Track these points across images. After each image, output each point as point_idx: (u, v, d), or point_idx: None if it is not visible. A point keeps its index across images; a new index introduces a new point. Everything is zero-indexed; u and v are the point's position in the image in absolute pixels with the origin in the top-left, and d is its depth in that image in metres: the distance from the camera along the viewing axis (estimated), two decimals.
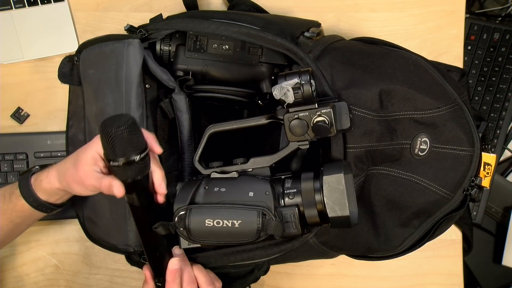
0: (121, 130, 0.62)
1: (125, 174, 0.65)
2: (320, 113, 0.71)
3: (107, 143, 0.63)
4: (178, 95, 0.85)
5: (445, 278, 1.00)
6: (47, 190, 0.76)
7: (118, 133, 0.62)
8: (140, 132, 0.65)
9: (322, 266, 1.00)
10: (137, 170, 0.66)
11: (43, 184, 0.75)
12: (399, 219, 0.81)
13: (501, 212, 1.19)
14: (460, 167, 0.79)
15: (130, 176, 0.66)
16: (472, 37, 1.19)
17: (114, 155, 0.64)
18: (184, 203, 0.71)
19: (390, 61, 0.82)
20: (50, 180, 0.75)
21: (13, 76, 0.99)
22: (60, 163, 0.76)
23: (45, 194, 0.76)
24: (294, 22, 0.88)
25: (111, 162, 0.64)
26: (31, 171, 0.78)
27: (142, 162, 0.65)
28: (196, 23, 0.82)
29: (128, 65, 0.80)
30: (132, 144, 0.64)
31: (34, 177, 0.77)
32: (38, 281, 0.97)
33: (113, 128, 0.62)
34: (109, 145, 0.63)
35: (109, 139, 0.63)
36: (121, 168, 0.64)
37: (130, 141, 0.63)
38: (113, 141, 0.63)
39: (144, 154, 0.65)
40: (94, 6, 1.00)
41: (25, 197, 0.76)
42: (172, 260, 0.73)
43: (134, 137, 0.64)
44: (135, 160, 0.64)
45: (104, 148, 0.64)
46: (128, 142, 0.63)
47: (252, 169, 0.76)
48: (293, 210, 0.69)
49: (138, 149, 0.64)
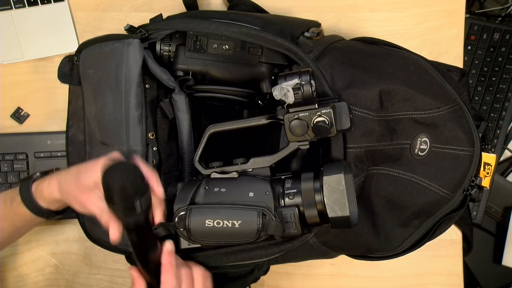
0: (123, 182, 0.64)
1: (125, 218, 0.67)
2: (320, 113, 0.71)
3: (107, 190, 0.65)
4: (178, 95, 0.85)
5: (445, 278, 1.00)
6: (48, 199, 0.76)
7: (120, 185, 0.64)
8: (142, 179, 0.66)
9: (322, 266, 1.00)
10: (137, 216, 0.67)
11: (44, 193, 0.76)
12: (399, 219, 0.81)
13: (501, 212, 1.19)
14: (460, 167, 0.79)
15: (129, 221, 0.67)
16: (472, 37, 1.19)
17: (113, 203, 0.65)
18: (184, 203, 0.71)
19: (390, 61, 0.82)
20: (51, 190, 0.75)
21: (13, 76, 0.99)
22: (61, 174, 0.76)
23: (46, 202, 0.77)
24: (294, 22, 0.88)
25: (111, 205, 0.66)
26: (32, 178, 0.78)
27: (141, 208, 0.67)
28: (196, 23, 0.82)
29: (128, 65, 0.80)
30: (132, 194, 0.65)
31: (35, 184, 0.77)
32: (38, 281, 0.97)
33: (115, 179, 0.64)
34: (109, 193, 0.65)
35: (110, 188, 0.64)
36: (121, 212, 0.66)
37: (131, 192, 0.65)
38: (113, 191, 0.64)
39: (144, 200, 0.67)
40: (94, 6, 1.00)
41: (26, 204, 0.76)
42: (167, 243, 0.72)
43: (135, 187, 0.65)
44: (135, 208, 0.66)
45: (105, 193, 0.65)
46: (129, 193, 0.65)
47: (252, 169, 0.75)
48: (293, 210, 0.69)
49: (138, 197, 0.66)
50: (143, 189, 0.67)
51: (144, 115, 0.81)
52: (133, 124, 0.80)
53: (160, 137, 0.85)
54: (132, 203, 0.65)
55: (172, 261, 0.71)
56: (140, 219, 0.67)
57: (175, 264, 0.71)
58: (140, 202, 0.66)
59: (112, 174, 0.64)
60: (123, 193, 0.64)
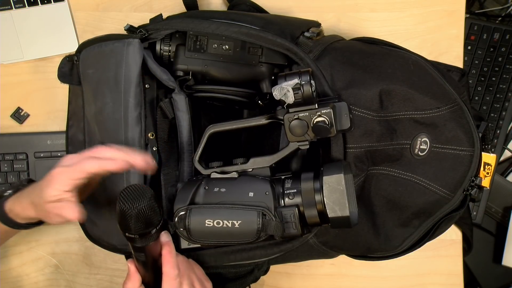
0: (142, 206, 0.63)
1: (138, 241, 0.66)
2: (320, 113, 0.71)
3: (123, 216, 0.63)
4: (178, 95, 0.85)
5: (445, 278, 1.00)
6: (24, 218, 0.77)
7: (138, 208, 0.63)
8: (158, 206, 0.65)
9: (322, 266, 1.00)
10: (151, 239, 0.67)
11: (20, 215, 0.77)
12: (399, 219, 0.81)
13: (501, 212, 1.19)
14: (460, 167, 0.79)
15: (144, 243, 0.66)
16: (472, 37, 1.19)
17: (129, 229, 0.64)
18: (184, 203, 0.71)
19: (390, 61, 0.82)
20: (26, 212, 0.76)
21: (13, 76, 0.99)
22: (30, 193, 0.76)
23: (23, 219, 0.78)
24: (294, 22, 0.88)
25: (127, 233, 0.65)
26: (3, 197, 0.78)
27: (156, 233, 0.67)
28: (196, 23, 0.82)
29: (128, 64, 0.80)
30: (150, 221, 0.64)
31: (8, 206, 0.77)
32: (38, 281, 0.97)
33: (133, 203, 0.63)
34: (128, 219, 0.63)
35: (127, 213, 0.63)
36: (136, 239, 0.65)
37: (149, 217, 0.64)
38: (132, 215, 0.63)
39: (160, 225, 0.66)
40: (94, 6, 1.00)
41: (4, 222, 0.77)
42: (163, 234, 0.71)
43: (153, 213, 0.64)
44: (151, 233, 0.65)
45: (120, 218, 0.64)
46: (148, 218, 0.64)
47: (252, 169, 0.75)
48: (293, 210, 0.69)
49: (155, 223, 0.65)
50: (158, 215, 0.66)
51: (143, 115, 0.81)
52: (132, 124, 0.80)
53: (160, 137, 0.85)
54: (149, 232, 0.65)
55: (172, 250, 0.71)
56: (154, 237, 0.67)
57: (175, 254, 0.71)
58: (156, 230, 0.66)
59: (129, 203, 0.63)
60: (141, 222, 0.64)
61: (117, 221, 0.65)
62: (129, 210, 0.62)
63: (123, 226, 0.64)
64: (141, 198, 0.63)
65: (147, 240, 0.66)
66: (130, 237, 0.65)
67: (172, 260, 0.70)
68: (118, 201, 0.63)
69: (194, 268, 0.76)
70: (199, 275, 0.76)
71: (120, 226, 0.65)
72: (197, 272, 0.77)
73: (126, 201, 0.63)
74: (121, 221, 0.64)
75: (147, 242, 0.66)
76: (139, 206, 0.63)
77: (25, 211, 0.75)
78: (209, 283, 0.77)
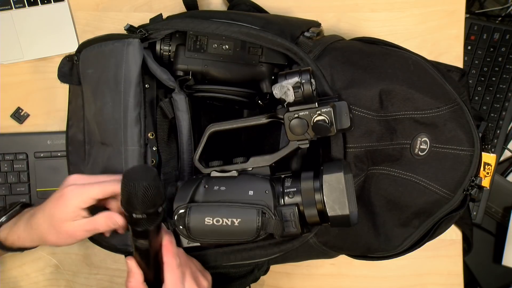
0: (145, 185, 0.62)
1: (141, 224, 0.65)
2: (320, 112, 0.71)
3: (128, 195, 0.63)
4: (178, 95, 0.85)
5: (445, 278, 1.00)
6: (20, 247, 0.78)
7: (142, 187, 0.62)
8: (161, 186, 0.65)
9: (322, 266, 1.00)
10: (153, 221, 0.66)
11: (15, 244, 0.77)
12: (399, 219, 0.81)
13: (501, 212, 1.19)
14: (460, 167, 0.79)
15: (145, 225, 0.66)
16: (472, 37, 1.19)
17: (133, 208, 0.64)
18: (184, 201, 0.71)
19: (390, 61, 0.82)
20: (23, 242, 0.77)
21: (13, 76, 0.99)
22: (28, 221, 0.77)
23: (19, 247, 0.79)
24: (294, 22, 0.88)
25: (130, 213, 0.64)
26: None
27: (159, 214, 0.66)
28: (196, 23, 0.82)
29: (127, 64, 0.80)
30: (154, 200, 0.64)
31: (3, 234, 0.78)
32: (38, 281, 0.97)
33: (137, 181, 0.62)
34: (131, 197, 0.63)
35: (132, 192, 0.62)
36: (139, 218, 0.65)
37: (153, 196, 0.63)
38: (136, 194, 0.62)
39: (163, 207, 0.66)
40: (94, 6, 1.00)
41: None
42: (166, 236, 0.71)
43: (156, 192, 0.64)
44: (158, 212, 0.65)
45: (124, 198, 0.64)
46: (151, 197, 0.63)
47: (252, 168, 0.76)
48: (293, 209, 0.69)
49: (159, 202, 0.65)
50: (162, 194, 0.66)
51: (143, 115, 0.81)
52: (131, 124, 0.80)
53: (159, 137, 0.85)
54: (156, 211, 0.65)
55: (173, 241, 0.70)
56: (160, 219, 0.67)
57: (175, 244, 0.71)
58: (162, 209, 0.65)
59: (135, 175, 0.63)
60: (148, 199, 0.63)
61: (123, 203, 0.64)
62: (135, 187, 0.62)
63: (130, 206, 0.64)
64: (147, 176, 0.63)
65: (153, 221, 0.65)
66: (137, 219, 0.64)
67: (173, 250, 0.70)
68: (124, 181, 0.63)
69: (193, 261, 0.77)
70: (198, 267, 0.77)
71: (126, 208, 0.65)
72: (196, 264, 0.77)
73: (132, 179, 0.62)
74: (127, 201, 0.64)
75: (153, 223, 0.66)
76: (145, 183, 0.62)
77: (21, 240, 0.76)
78: (208, 275, 0.77)
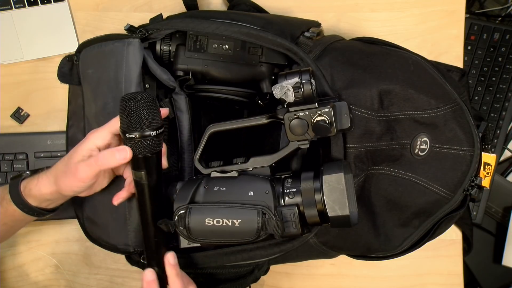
0: (141, 103, 0.66)
1: (139, 147, 0.68)
2: (320, 112, 0.71)
3: (126, 114, 0.67)
4: (178, 95, 0.85)
5: (445, 278, 1.00)
6: (37, 197, 0.76)
7: (138, 105, 0.66)
8: (158, 110, 0.69)
9: (322, 266, 1.00)
10: (151, 146, 0.69)
11: (32, 192, 0.76)
12: (399, 219, 0.81)
13: (501, 212, 1.19)
14: (460, 167, 0.79)
15: (143, 151, 0.68)
16: (472, 37, 1.20)
17: (131, 127, 0.67)
18: (184, 202, 0.71)
19: (390, 61, 0.82)
20: (40, 187, 0.75)
21: (13, 76, 0.99)
22: (51, 168, 0.76)
23: (35, 201, 0.76)
24: (294, 22, 0.88)
25: (127, 134, 0.67)
26: (21, 177, 0.78)
27: (157, 138, 0.68)
28: (196, 23, 0.82)
29: (128, 64, 0.80)
30: (150, 119, 0.67)
31: (23, 184, 0.77)
32: (38, 281, 0.97)
33: (134, 100, 0.66)
34: (128, 117, 0.67)
35: (128, 111, 0.66)
36: (137, 141, 0.67)
37: (149, 115, 0.67)
38: (132, 113, 0.66)
39: (160, 131, 0.69)
40: (94, 6, 1.00)
41: (16, 203, 0.76)
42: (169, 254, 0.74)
43: (153, 113, 0.68)
44: (151, 135, 0.68)
45: (122, 120, 0.67)
46: (147, 116, 0.67)
47: (252, 169, 0.75)
48: (293, 209, 0.69)
49: (155, 124, 0.68)
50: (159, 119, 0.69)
51: None
52: None
53: None
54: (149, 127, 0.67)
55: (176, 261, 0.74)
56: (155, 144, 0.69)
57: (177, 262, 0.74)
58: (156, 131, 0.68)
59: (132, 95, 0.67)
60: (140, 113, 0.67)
61: (122, 126, 0.68)
62: (136, 102, 0.66)
63: (124, 125, 0.67)
64: (144, 95, 0.67)
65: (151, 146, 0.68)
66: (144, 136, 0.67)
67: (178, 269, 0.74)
68: (123, 102, 0.67)
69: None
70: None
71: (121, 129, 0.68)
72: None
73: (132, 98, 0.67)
74: (122, 120, 0.67)
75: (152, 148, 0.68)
76: (146, 97, 0.67)
77: (39, 185, 0.75)
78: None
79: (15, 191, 0.76)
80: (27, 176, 0.78)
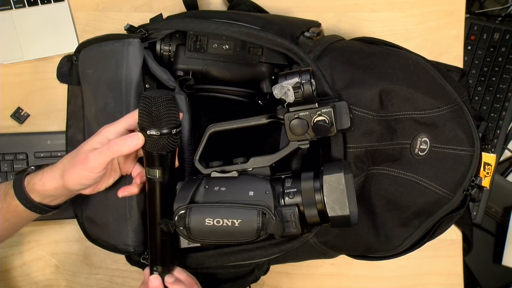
0: (163, 101, 0.67)
1: (157, 145, 0.69)
2: (320, 112, 0.71)
3: (146, 111, 0.67)
4: (178, 95, 0.85)
5: (445, 278, 1.00)
6: (40, 193, 0.75)
7: (160, 103, 0.67)
8: (178, 109, 0.70)
9: (322, 266, 1.00)
10: (169, 144, 0.70)
11: (36, 186, 0.75)
12: (399, 219, 0.81)
13: (501, 212, 1.19)
14: (460, 167, 0.79)
15: (160, 148, 0.69)
16: (472, 37, 1.20)
17: (151, 124, 0.68)
18: (184, 202, 0.71)
19: (390, 61, 0.82)
20: (44, 182, 0.74)
21: (13, 76, 0.99)
22: (57, 163, 0.76)
23: (39, 196, 0.76)
24: (294, 22, 0.88)
25: (147, 131, 0.68)
26: (26, 171, 0.77)
27: (175, 137, 0.70)
28: (196, 23, 0.82)
29: (128, 64, 0.80)
30: (169, 117, 0.68)
31: (27, 178, 0.76)
32: (38, 281, 0.97)
33: (155, 98, 0.67)
34: (148, 114, 0.67)
35: (149, 108, 0.67)
36: (155, 138, 0.68)
37: (169, 114, 0.68)
38: (153, 110, 0.67)
39: (178, 130, 0.70)
40: (94, 6, 1.00)
41: (19, 198, 0.75)
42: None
43: (173, 112, 0.69)
44: (170, 133, 0.69)
45: (142, 116, 0.68)
46: (167, 114, 0.68)
47: (252, 169, 0.75)
48: (293, 209, 0.69)
49: (174, 123, 0.69)
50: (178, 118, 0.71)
51: None
52: None
53: None
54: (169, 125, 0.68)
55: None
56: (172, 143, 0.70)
57: None
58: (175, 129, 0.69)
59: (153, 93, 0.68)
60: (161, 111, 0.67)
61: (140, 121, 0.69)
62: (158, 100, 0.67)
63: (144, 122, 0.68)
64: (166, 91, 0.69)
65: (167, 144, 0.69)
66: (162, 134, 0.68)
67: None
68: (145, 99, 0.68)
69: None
70: None
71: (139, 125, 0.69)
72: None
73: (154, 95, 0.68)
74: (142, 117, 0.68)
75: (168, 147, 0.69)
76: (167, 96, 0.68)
77: (44, 182, 0.74)
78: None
79: (19, 185, 0.76)
80: (32, 171, 0.78)
